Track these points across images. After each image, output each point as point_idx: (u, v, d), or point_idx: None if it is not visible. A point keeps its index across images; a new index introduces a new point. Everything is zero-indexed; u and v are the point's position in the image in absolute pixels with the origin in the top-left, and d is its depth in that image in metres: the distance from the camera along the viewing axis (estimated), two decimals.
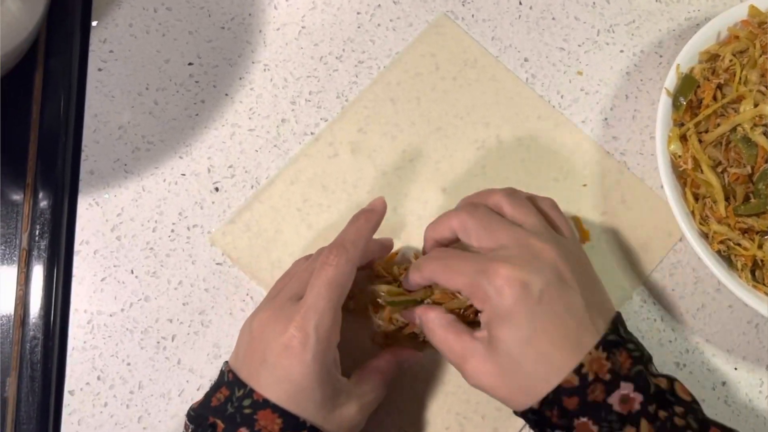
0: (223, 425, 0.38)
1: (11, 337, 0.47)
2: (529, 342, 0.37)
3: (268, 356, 0.38)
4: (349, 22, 0.54)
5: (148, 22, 0.53)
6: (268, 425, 0.37)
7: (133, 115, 0.52)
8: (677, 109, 0.49)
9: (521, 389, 0.38)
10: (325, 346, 0.38)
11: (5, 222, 0.49)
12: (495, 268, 0.37)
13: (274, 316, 0.39)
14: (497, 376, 0.38)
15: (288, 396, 0.37)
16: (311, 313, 0.38)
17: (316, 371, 0.38)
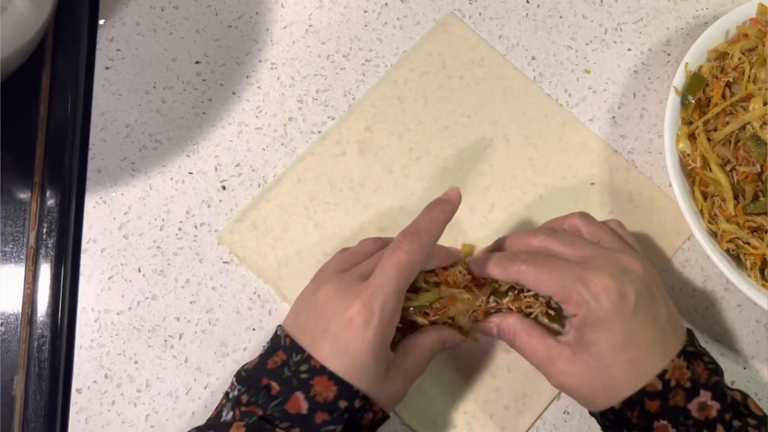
0: (279, 387, 0.39)
1: (19, 335, 0.47)
2: (623, 348, 0.39)
3: (331, 327, 0.39)
4: (356, 20, 0.54)
5: (155, 20, 0.53)
6: (323, 391, 0.38)
7: (141, 113, 0.52)
8: (686, 107, 0.49)
9: (605, 391, 0.40)
10: (386, 326, 0.39)
11: (13, 220, 0.49)
12: (593, 276, 0.39)
13: (342, 290, 0.40)
14: (583, 378, 0.40)
15: (345, 367, 0.38)
16: (378, 293, 0.39)
17: (375, 348, 0.39)
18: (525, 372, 0.49)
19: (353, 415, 0.38)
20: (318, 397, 0.38)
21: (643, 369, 0.39)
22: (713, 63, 0.49)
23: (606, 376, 0.40)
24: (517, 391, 0.48)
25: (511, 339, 0.44)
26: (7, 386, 0.47)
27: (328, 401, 0.38)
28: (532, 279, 0.41)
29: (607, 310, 0.39)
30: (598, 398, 0.40)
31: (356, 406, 0.38)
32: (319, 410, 0.38)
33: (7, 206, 0.49)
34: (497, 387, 0.48)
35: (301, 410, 0.38)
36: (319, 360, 0.39)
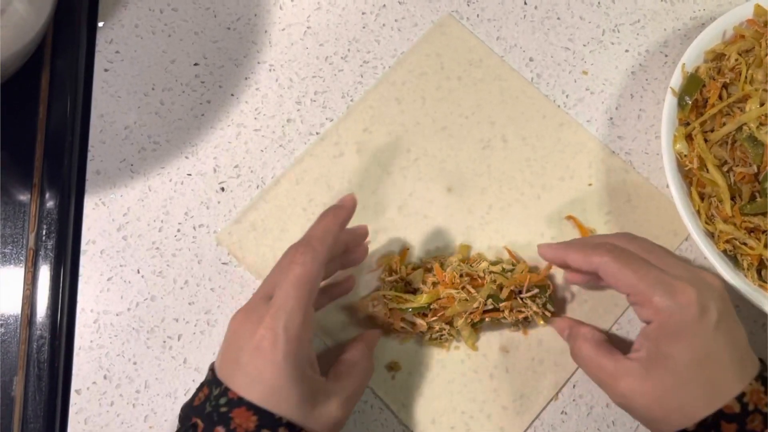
0: (203, 425, 0.38)
1: (18, 336, 0.47)
2: (701, 364, 0.38)
3: (241, 357, 0.38)
4: (354, 22, 0.54)
5: (154, 22, 0.54)
6: (243, 423, 0.37)
7: (139, 115, 0.52)
8: (683, 108, 0.49)
9: (678, 410, 0.38)
10: (295, 345, 0.38)
11: (12, 222, 0.49)
12: (679, 285, 0.39)
13: (247, 316, 0.39)
14: (656, 397, 0.39)
15: (263, 396, 0.37)
16: (280, 313, 0.38)
17: (289, 371, 0.37)
18: (523, 373, 0.49)
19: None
20: (239, 430, 0.37)
21: (720, 389, 0.38)
22: (710, 64, 0.50)
23: (682, 394, 0.38)
24: (515, 391, 0.48)
25: (578, 350, 0.43)
26: (7, 387, 0.47)
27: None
28: (613, 272, 0.40)
29: (689, 322, 0.38)
30: (671, 418, 0.39)
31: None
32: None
33: (7, 208, 0.49)
34: (495, 387, 0.48)
35: None
36: (236, 392, 0.38)
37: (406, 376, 0.48)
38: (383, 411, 0.48)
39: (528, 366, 0.49)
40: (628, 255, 0.41)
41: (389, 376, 0.48)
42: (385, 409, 0.48)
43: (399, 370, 0.48)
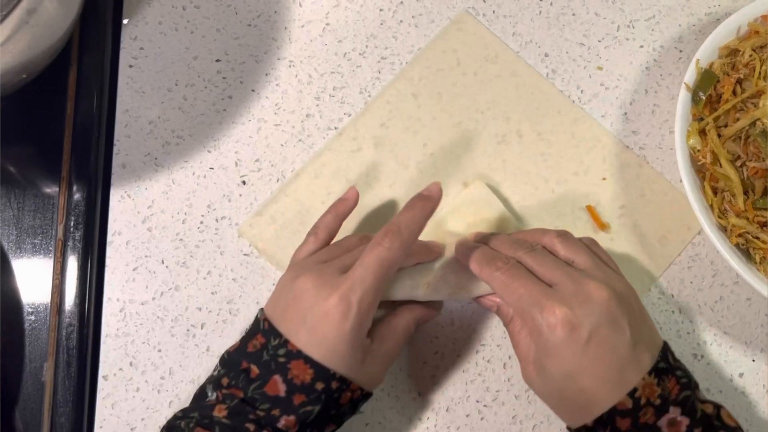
0: (258, 371, 0.40)
1: (48, 323, 0.49)
2: (572, 377, 0.40)
3: (309, 318, 0.40)
4: (372, 18, 0.55)
5: (177, 19, 0.55)
6: (300, 374, 0.39)
7: (163, 110, 0.53)
8: (696, 103, 0.49)
9: (565, 408, 0.42)
10: (363, 319, 0.40)
11: (41, 214, 0.51)
12: (551, 305, 0.40)
13: (320, 282, 0.41)
14: (544, 388, 0.42)
15: (322, 354, 0.40)
16: (357, 286, 0.40)
17: (351, 340, 0.40)
18: None
19: (330, 396, 0.40)
20: (295, 380, 0.39)
21: (594, 399, 0.39)
22: (724, 60, 0.50)
23: (561, 398, 0.41)
24: None
25: (506, 321, 0.45)
26: (37, 373, 0.48)
27: (305, 384, 0.39)
28: (501, 287, 0.42)
29: (556, 340, 0.40)
30: (565, 416, 0.42)
31: (333, 387, 0.40)
32: (297, 392, 0.39)
33: (37, 200, 0.51)
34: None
35: (279, 393, 0.39)
36: (296, 345, 0.40)
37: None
38: (399, 399, 0.49)
39: None
40: (517, 272, 0.42)
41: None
42: (401, 397, 0.49)
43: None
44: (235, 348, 0.42)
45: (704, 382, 0.50)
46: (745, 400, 0.50)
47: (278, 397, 0.39)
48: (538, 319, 0.40)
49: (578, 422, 0.41)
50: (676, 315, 0.51)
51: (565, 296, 0.40)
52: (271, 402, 0.39)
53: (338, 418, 0.42)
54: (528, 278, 0.42)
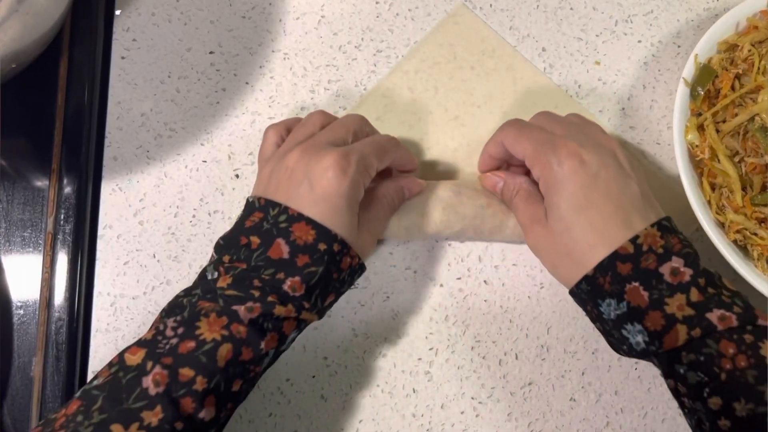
0: (259, 240, 0.40)
1: (37, 318, 0.48)
2: (582, 209, 0.40)
3: (310, 177, 0.41)
4: (367, 11, 0.55)
5: (170, 11, 0.54)
6: (302, 236, 0.40)
7: (156, 102, 0.53)
8: (695, 99, 0.49)
9: (570, 256, 0.41)
10: (359, 179, 0.42)
11: (31, 207, 0.50)
12: (563, 142, 0.42)
13: (314, 150, 0.42)
14: (552, 244, 0.42)
15: (323, 214, 0.40)
16: (356, 152, 0.42)
17: (348, 196, 0.41)
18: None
19: (332, 258, 0.40)
20: (298, 241, 0.40)
21: (604, 235, 0.40)
22: (723, 55, 0.50)
23: (570, 240, 0.41)
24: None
25: (510, 196, 0.46)
26: (26, 368, 0.48)
27: (308, 244, 0.40)
28: (512, 140, 0.44)
29: (566, 172, 0.41)
30: (565, 264, 0.42)
31: (335, 250, 0.40)
32: (300, 253, 0.39)
33: (26, 193, 0.50)
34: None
35: (283, 255, 0.39)
36: (296, 209, 0.40)
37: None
38: (393, 396, 0.49)
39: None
40: (527, 126, 0.45)
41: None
42: (396, 394, 0.49)
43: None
44: (230, 230, 0.42)
45: None
46: None
47: (282, 259, 0.39)
48: (549, 155, 0.41)
49: (580, 273, 0.40)
50: None
51: (578, 137, 0.42)
52: (275, 265, 0.39)
53: (338, 285, 0.42)
54: (539, 129, 0.44)
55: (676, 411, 0.49)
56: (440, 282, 0.50)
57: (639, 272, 0.39)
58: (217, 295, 0.39)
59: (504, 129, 0.45)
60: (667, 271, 0.39)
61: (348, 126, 0.45)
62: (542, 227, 0.42)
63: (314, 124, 0.45)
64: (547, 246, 0.42)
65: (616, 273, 0.39)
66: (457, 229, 0.48)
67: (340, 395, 0.49)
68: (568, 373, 0.49)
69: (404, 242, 0.51)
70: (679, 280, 0.39)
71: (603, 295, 0.40)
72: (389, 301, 0.50)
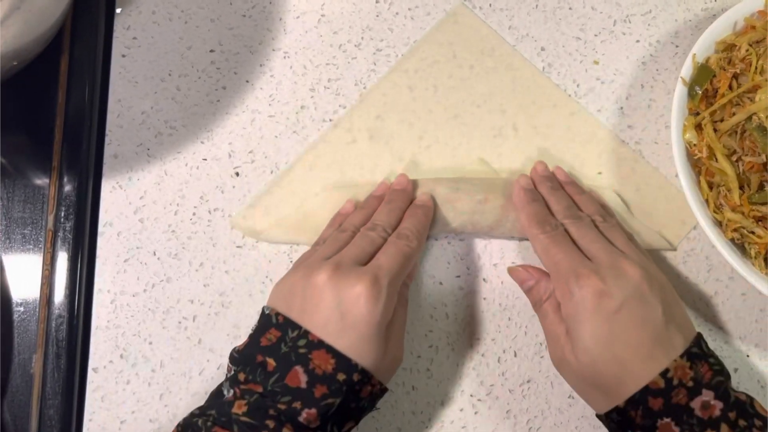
0: (275, 363, 0.39)
1: (37, 315, 0.49)
2: (606, 345, 0.40)
3: (341, 304, 0.40)
4: (367, 10, 0.55)
5: (171, 9, 0.54)
6: (322, 364, 0.39)
7: (156, 100, 0.53)
8: (693, 98, 0.49)
9: (599, 388, 0.41)
10: (390, 304, 0.41)
11: (32, 204, 0.50)
12: (586, 274, 0.41)
13: (342, 273, 0.41)
14: (576, 368, 0.41)
15: (350, 343, 0.39)
16: (385, 272, 0.41)
17: (380, 324, 0.40)
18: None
19: (351, 388, 0.39)
20: (317, 370, 0.39)
21: (632, 368, 0.39)
22: (721, 55, 0.50)
23: (596, 372, 0.40)
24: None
25: (540, 299, 0.46)
26: (26, 365, 0.48)
27: (327, 374, 0.39)
28: (542, 249, 0.45)
29: (588, 307, 0.40)
30: (598, 397, 0.41)
31: (355, 380, 0.39)
32: (318, 383, 0.39)
33: (27, 190, 0.51)
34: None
35: (300, 384, 0.39)
36: (317, 335, 0.39)
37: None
38: (393, 393, 0.49)
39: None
40: (561, 239, 0.44)
41: None
42: (395, 391, 0.49)
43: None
44: (246, 344, 0.41)
45: None
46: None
47: (299, 388, 0.39)
48: (572, 284, 0.41)
49: (611, 403, 0.40)
50: None
51: (600, 268, 0.42)
52: (292, 394, 0.38)
53: (357, 413, 0.41)
54: (569, 247, 0.44)
55: None
56: (440, 280, 0.51)
57: (670, 408, 0.39)
58: (232, 420, 0.38)
59: (538, 233, 0.45)
60: (698, 406, 0.39)
61: (374, 237, 0.44)
62: (569, 351, 0.42)
63: (345, 241, 0.44)
64: (574, 372, 0.42)
65: (648, 408, 0.39)
66: (455, 225, 0.49)
67: None
68: None
69: None
70: (709, 414, 0.39)
71: (634, 427, 0.40)
72: None
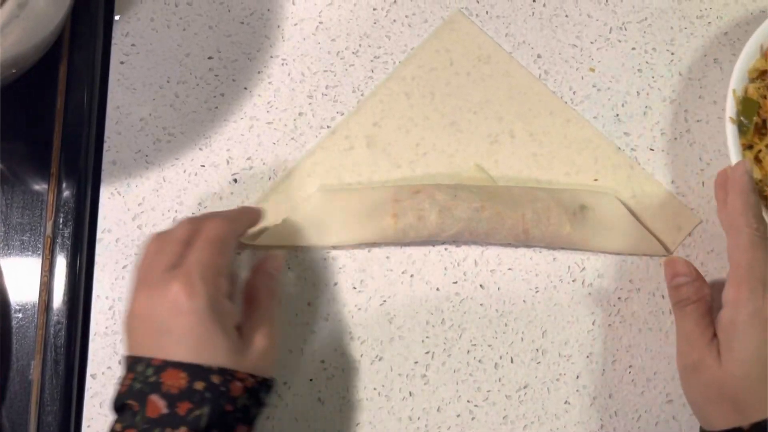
0: (137, 402, 0.37)
1: (36, 321, 0.49)
2: (760, 360, 0.39)
3: (162, 323, 0.38)
4: (365, 17, 0.55)
5: (170, 16, 0.55)
6: (174, 383, 0.37)
7: (155, 107, 0.53)
8: (744, 133, 0.48)
9: (734, 402, 0.39)
10: (213, 291, 0.39)
11: (30, 210, 0.51)
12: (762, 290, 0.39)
13: (153, 290, 0.39)
14: (717, 376, 0.40)
15: (191, 351, 0.38)
16: (194, 267, 0.39)
17: (212, 318, 0.38)
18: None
19: (217, 392, 0.37)
20: (172, 390, 0.37)
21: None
22: (758, 84, 0.49)
23: (742, 386, 0.39)
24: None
25: (688, 299, 0.43)
26: (25, 371, 0.48)
27: (183, 389, 0.37)
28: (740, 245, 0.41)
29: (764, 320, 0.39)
30: (725, 410, 0.40)
31: (216, 382, 0.37)
32: (178, 401, 0.37)
33: (25, 197, 0.51)
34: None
35: (162, 410, 0.37)
36: (160, 358, 0.38)
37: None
38: (390, 399, 0.49)
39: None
40: (765, 243, 0.41)
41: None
42: (392, 397, 0.49)
43: None
44: (114, 397, 0.39)
45: None
46: None
47: (163, 415, 0.37)
48: (757, 292, 0.39)
49: (735, 422, 0.39)
50: (666, 316, 0.51)
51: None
52: (158, 424, 0.37)
53: (243, 415, 0.39)
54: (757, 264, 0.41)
55: (670, 414, 0.50)
56: (437, 286, 0.51)
57: None
58: None
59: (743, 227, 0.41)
60: None
61: (176, 233, 0.42)
62: (714, 357, 0.40)
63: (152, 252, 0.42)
64: (712, 380, 0.40)
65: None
66: (453, 232, 0.49)
67: (337, 398, 0.49)
68: (562, 377, 0.50)
69: (400, 246, 0.51)
70: None
71: None
72: (386, 305, 0.50)
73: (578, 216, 0.50)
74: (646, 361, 0.50)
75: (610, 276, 0.51)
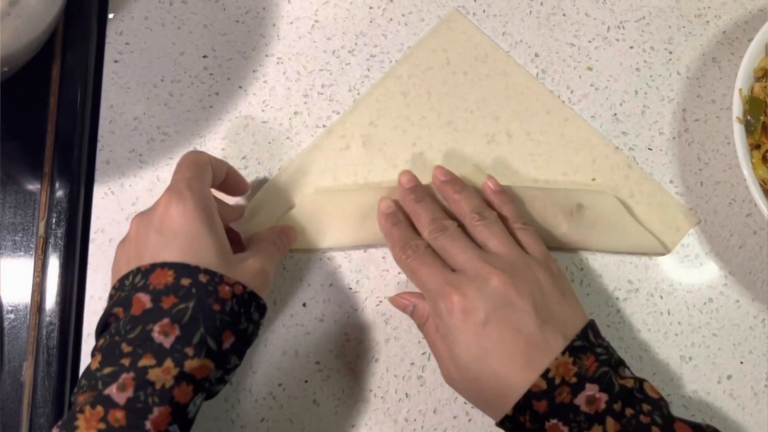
0: (122, 308, 0.38)
1: (28, 322, 0.48)
2: (481, 360, 0.40)
3: (154, 225, 0.39)
4: (361, 16, 0.55)
5: (164, 14, 0.54)
6: (161, 280, 0.37)
7: (149, 106, 0.52)
8: (752, 133, 0.48)
9: (486, 401, 0.41)
10: (201, 197, 0.40)
11: (23, 210, 0.50)
12: (448, 292, 0.41)
13: (144, 216, 0.40)
14: (463, 385, 0.41)
15: (182, 250, 0.38)
16: (180, 182, 0.40)
17: (202, 218, 0.39)
18: None
19: (203, 289, 0.37)
20: (158, 286, 0.37)
21: (510, 378, 0.39)
22: (763, 82, 0.49)
23: (478, 388, 0.40)
24: None
25: (421, 321, 0.45)
26: (17, 372, 0.48)
27: (169, 284, 0.37)
28: (409, 273, 0.44)
29: (458, 325, 0.41)
30: (488, 409, 0.41)
31: (203, 281, 0.38)
32: (164, 296, 0.37)
33: (18, 196, 0.50)
34: None
35: (146, 306, 0.37)
36: (147, 262, 0.38)
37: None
38: (385, 401, 0.49)
39: None
40: (429, 260, 0.43)
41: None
42: (388, 399, 0.49)
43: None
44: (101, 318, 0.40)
45: (692, 384, 0.50)
46: (734, 403, 0.50)
47: (146, 311, 0.36)
48: (439, 304, 0.41)
49: (500, 414, 0.40)
50: (665, 316, 0.51)
51: (463, 282, 0.41)
52: (141, 320, 0.36)
53: (229, 320, 0.38)
54: (433, 265, 0.43)
55: None
56: None
57: (555, 408, 0.38)
58: (96, 379, 0.35)
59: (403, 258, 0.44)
60: (583, 401, 0.38)
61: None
62: (454, 367, 0.41)
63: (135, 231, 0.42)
64: (461, 390, 0.42)
65: (534, 411, 0.38)
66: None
67: (333, 400, 0.49)
68: None
69: None
70: (595, 408, 0.38)
71: (526, 431, 0.39)
72: (382, 306, 0.50)
73: (575, 215, 0.50)
74: (645, 361, 0.50)
75: (608, 276, 0.51)
